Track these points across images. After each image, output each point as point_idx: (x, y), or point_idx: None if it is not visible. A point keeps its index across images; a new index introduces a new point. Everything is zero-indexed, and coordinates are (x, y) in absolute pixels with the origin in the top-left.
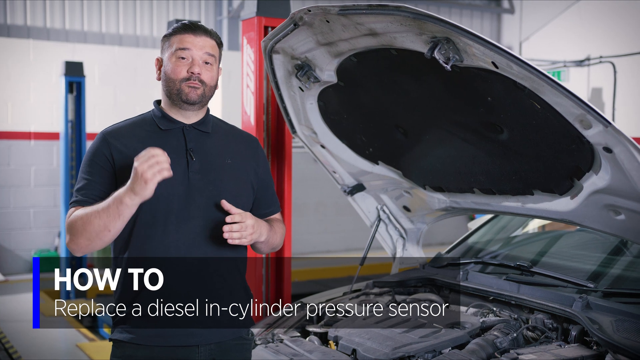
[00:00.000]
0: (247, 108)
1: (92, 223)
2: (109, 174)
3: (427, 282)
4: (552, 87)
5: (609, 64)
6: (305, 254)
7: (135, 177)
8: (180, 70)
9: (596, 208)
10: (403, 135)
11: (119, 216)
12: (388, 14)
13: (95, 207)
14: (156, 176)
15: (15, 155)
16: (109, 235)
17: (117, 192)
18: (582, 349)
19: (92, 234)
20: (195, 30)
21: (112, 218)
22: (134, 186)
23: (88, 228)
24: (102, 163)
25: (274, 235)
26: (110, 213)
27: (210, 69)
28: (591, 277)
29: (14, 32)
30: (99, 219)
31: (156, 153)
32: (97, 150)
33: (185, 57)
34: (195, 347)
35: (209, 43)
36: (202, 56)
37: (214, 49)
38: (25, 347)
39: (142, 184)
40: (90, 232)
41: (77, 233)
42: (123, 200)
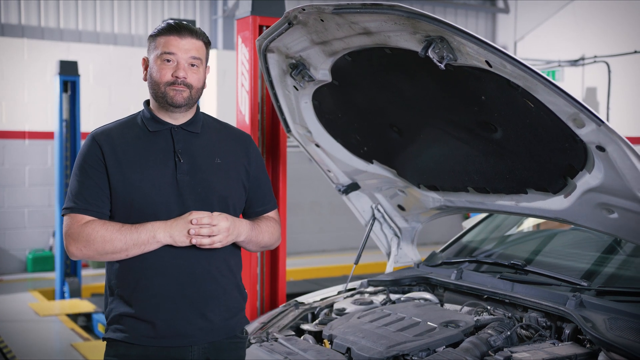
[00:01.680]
0: (241, 107)
1: (113, 243)
2: (102, 176)
3: (422, 280)
4: (546, 85)
5: (604, 63)
6: (300, 253)
7: (182, 227)
8: (165, 73)
9: (589, 207)
10: (397, 134)
11: (143, 247)
12: (382, 12)
13: (119, 228)
14: (202, 241)
15: (9, 154)
16: (122, 257)
17: (152, 225)
18: (576, 347)
19: (108, 252)
20: (180, 32)
21: (137, 246)
22: (175, 234)
23: (107, 247)
24: (95, 165)
25: (259, 234)
26: (138, 241)
27: (197, 71)
28: (585, 276)
29: (8, 31)
30: (123, 242)
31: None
32: (88, 153)
33: (170, 60)
34: (188, 346)
35: (194, 45)
36: (188, 59)
37: (200, 50)
38: (20, 346)
39: (184, 238)
40: (107, 249)
41: (89, 245)
42: (157, 237)
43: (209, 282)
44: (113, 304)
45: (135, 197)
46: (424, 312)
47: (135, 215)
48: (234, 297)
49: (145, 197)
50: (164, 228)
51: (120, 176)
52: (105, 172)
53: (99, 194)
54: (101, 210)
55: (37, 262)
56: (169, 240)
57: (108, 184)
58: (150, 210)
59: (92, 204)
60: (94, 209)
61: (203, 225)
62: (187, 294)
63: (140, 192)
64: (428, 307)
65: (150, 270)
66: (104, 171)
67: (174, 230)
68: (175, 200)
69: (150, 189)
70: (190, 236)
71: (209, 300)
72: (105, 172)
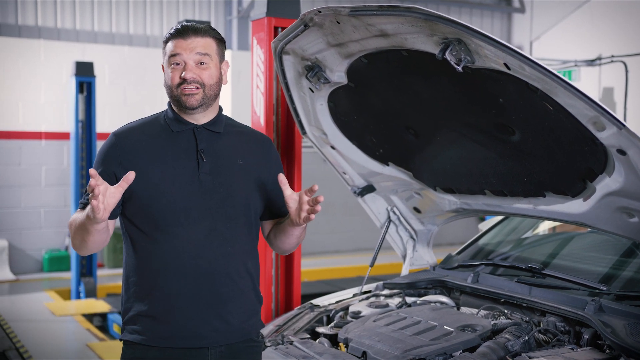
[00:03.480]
0: (256, 108)
1: (74, 230)
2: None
3: (438, 283)
4: (565, 88)
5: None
6: (314, 253)
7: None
8: (174, 76)
9: (609, 210)
10: (413, 137)
11: (88, 232)
12: (399, 15)
13: (80, 215)
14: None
15: (26, 155)
16: (89, 244)
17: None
18: (595, 353)
19: (77, 239)
20: (183, 34)
21: (84, 232)
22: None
23: (74, 234)
24: (112, 165)
25: (303, 232)
26: (82, 227)
27: (207, 68)
28: (603, 280)
29: (25, 32)
30: (77, 228)
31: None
32: (107, 151)
33: (178, 63)
34: (205, 349)
35: (199, 43)
36: (194, 57)
37: (206, 47)
38: (36, 346)
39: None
40: (76, 237)
41: (71, 236)
42: (84, 224)
43: (227, 284)
44: (129, 304)
45: (156, 197)
46: (441, 316)
47: (156, 213)
48: (251, 299)
49: (166, 195)
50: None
51: (141, 176)
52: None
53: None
54: None
55: (53, 262)
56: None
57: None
58: (170, 208)
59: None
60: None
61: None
62: (204, 295)
63: (161, 192)
64: (444, 310)
65: (168, 270)
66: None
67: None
68: (196, 200)
69: (171, 187)
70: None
71: (226, 302)
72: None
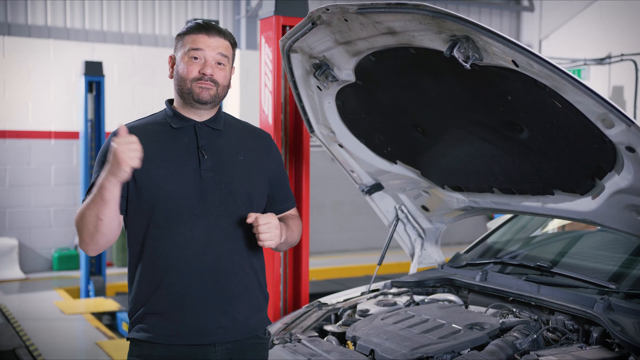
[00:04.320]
0: (265, 107)
1: (85, 216)
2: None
3: (446, 282)
4: (574, 85)
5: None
6: (322, 252)
7: (114, 160)
8: (192, 69)
9: (618, 208)
10: (421, 135)
11: (104, 202)
12: (407, 12)
13: (85, 201)
14: (134, 160)
15: (35, 154)
16: (103, 225)
17: (98, 179)
18: (604, 351)
19: (89, 227)
20: (209, 31)
21: (99, 205)
22: (113, 168)
23: (85, 221)
24: None
25: (292, 233)
26: (96, 201)
27: (223, 69)
28: (612, 278)
29: (34, 32)
30: (90, 209)
31: (134, 140)
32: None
33: (198, 58)
34: (212, 345)
35: (222, 44)
36: (215, 57)
37: (227, 49)
38: (46, 344)
39: (119, 167)
40: (87, 225)
41: (79, 231)
42: (104, 184)
43: (232, 280)
44: (135, 302)
45: (159, 194)
46: (449, 314)
47: (158, 211)
48: (256, 296)
49: (169, 194)
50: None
51: (143, 174)
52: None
53: None
54: None
55: (62, 260)
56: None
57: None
58: (173, 206)
59: None
60: None
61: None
62: (209, 292)
63: (163, 189)
64: (452, 308)
65: (173, 268)
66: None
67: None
68: (198, 197)
69: (173, 185)
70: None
71: (231, 299)
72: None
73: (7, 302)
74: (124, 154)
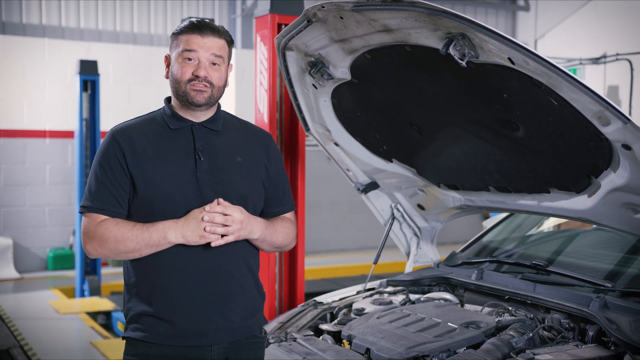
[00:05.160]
0: (260, 106)
1: (125, 243)
2: (120, 175)
3: (442, 281)
4: (570, 83)
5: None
6: (318, 252)
7: (195, 227)
8: (186, 71)
9: (614, 206)
10: (417, 133)
11: (155, 247)
12: (403, 9)
13: (132, 228)
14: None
15: (30, 153)
16: (137, 256)
17: (163, 225)
18: (600, 350)
19: (121, 251)
20: (202, 30)
21: (149, 247)
22: (187, 233)
23: (120, 246)
24: (114, 164)
25: (274, 234)
26: (149, 242)
27: (218, 70)
28: (608, 277)
29: (29, 31)
30: (135, 242)
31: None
32: (107, 150)
33: (192, 59)
34: (208, 346)
35: (216, 43)
36: (209, 57)
37: (222, 49)
38: (40, 344)
39: (196, 238)
40: (120, 249)
41: (104, 245)
42: (168, 238)
43: (228, 281)
44: (131, 303)
45: (155, 195)
46: (444, 313)
47: (155, 213)
48: (253, 296)
49: (165, 195)
50: (175, 228)
51: (140, 173)
52: (123, 171)
53: (115, 194)
54: (117, 210)
55: (57, 260)
56: (181, 240)
57: (127, 182)
58: (169, 208)
59: (108, 204)
60: (110, 208)
61: (217, 213)
62: (206, 293)
63: (159, 190)
64: (448, 307)
65: (169, 268)
66: (122, 170)
67: (186, 230)
68: (194, 199)
69: (169, 187)
70: (203, 236)
71: (228, 300)
72: (124, 170)
73: (2, 301)
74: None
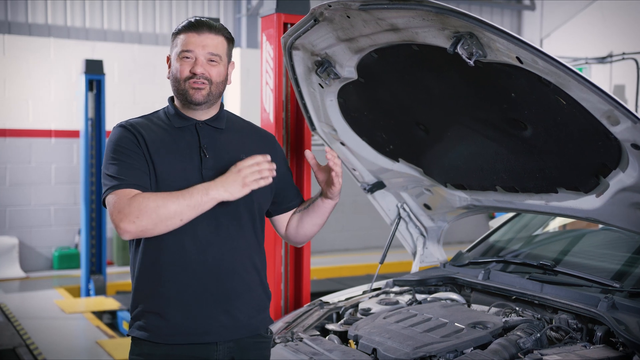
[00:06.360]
0: (266, 105)
1: (167, 207)
2: (140, 158)
3: (448, 281)
4: (579, 82)
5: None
6: (323, 251)
7: (234, 178)
8: (184, 69)
9: (623, 206)
10: (424, 132)
11: (198, 208)
12: (410, 8)
13: (169, 194)
14: (258, 182)
15: (35, 153)
16: (177, 224)
17: (202, 185)
18: (608, 350)
19: (163, 218)
20: (198, 28)
21: (191, 208)
22: (229, 186)
23: (161, 211)
24: (132, 147)
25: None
26: (191, 203)
27: (216, 66)
28: (616, 277)
29: (35, 30)
30: (177, 204)
31: (260, 161)
32: (121, 138)
33: (189, 57)
34: (214, 345)
35: (213, 41)
36: (206, 55)
37: (218, 46)
38: (46, 343)
39: (239, 187)
40: (161, 215)
41: (142, 214)
42: (211, 194)
43: (234, 279)
44: (137, 300)
45: (163, 189)
46: (451, 313)
47: None
48: (259, 294)
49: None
50: (216, 185)
51: (151, 166)
52: (142, 154)
53: (142, 171)
54: (145, 186)
55: (62, 259)
56: (224, 195)
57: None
58: None
59: (136, 179)
60: (139, 183)
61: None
62: (211, 291)
63: (167, 185)
64: (455, 307)
65: (174, 267)
66: (142, 153)
67: (227, 184)
68: None
69: (176, 182)
70: (245, 184)
71: (233, 297)
72: (143, 154)
73: (8, 301)
74: (247, 177)
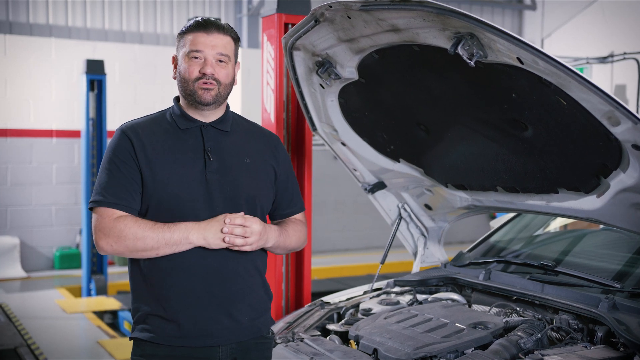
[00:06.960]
0: (267, 105)
1: (145, 241)
2: (133, 170)
3: (449, 281)
4: (579, 82)
5: (633, 60)
6: (324, 252)
7: (216, 231)
8: (193, 70)
9: (623, 207)
10: (425, 133)
11: (175, 247)
12: (411, 9)
13: (152, 226)
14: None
15: (36, 153)
16: (152, 256)
17: (185, 226)
18: (609, 351)
19: (139, 249)
20: (207, 29)
21: (169, 246)
22: (208, 235)
23: (138, 244)
24: (126, 159)
25: (287, 239)
26: (170, 241)
27: (225, 67)
28: (617, 277)
29: (36, 30)
30: (155, 241)
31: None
32: (118, 146)
33: (198, 57)
34: (216, 347)
35: (222, 41)
36: (215, 55)
37: (227, 46)
38: (47, 343)
39: (219, 241)
40: (138, 247)
41: (120, 241)
42: (190, 238)
43: (236, 282)
44: (139, 303)
45: (164, 195)
46: (452, 313)
47: (164, 213)
48: (261, 296)
49: (174, 195)
50: (198, 229)
51: (149, 172)
52: (136, 166)
53: (129, 189)
54: (131, 206)
55: (64, 259)
56: (202, 243)
57: (139, 177)
58: (178, 208)
59: (121, 199)
60: (124, 203)
61: (236, 225)
62: (214, 293)
63: (168, 190)
64: (456, 308)
65: (177, 269)
66: (135, 165)
67: (207, 232)
68: (203, 199)
69: (178, 187)
70: (223, 238)
71: (235, 300)
72: (136, 165)
73: (9, 300)
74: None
